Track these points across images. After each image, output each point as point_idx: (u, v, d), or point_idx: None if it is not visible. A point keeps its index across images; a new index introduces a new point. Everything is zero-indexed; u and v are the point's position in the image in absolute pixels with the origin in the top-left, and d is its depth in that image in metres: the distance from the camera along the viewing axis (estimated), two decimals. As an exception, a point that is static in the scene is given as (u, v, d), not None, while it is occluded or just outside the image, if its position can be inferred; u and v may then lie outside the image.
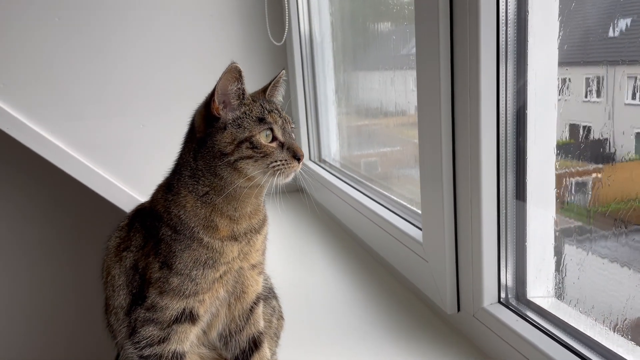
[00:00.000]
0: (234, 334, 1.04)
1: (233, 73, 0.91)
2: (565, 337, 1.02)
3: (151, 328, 0.93)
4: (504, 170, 1.14)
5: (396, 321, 1.35)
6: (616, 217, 0.93)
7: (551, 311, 1.09)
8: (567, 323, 1.04)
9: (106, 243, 1.04)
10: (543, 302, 1.13)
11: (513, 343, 1.07)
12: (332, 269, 1.74)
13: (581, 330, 1.01)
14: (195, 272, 0.92)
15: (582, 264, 1.04)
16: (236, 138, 0.91)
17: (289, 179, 0.95)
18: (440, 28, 1.13)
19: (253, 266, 1.01)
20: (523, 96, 1.10)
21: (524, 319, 1.10)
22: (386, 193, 1.81)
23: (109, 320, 1.03)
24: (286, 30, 2.36)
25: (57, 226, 2.73)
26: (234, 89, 0.92)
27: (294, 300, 1.48)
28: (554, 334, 1.03)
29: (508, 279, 1.19)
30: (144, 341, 0.93)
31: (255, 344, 1.05)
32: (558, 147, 1.07)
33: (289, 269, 1.78)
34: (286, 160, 0.93)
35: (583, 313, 1.04)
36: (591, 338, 0.99)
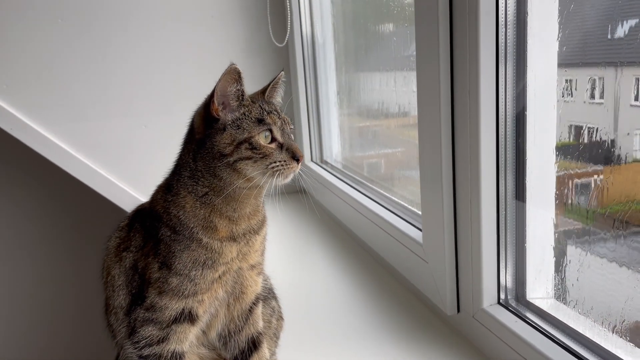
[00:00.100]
0: (233, 334, 1.04)
1: (232, 74, 0.91)
2: (564, 339, 1.02)
3: (150, 328, 0.94)
4: (504, 171, 1.14)
5: (396, 322, 1.35)
6: (618, 219, 0.92)
7: (550, 312, 1.09)
8: (567, 324, 1.04)
9: (106, 243, 1.05)
10: (542, 304, 1.13)
11: (512, 344, 1.07)
12: (333, 270, 1.74)
13: (580, 331, 1.01)
14: (194, 273, 0.92)
15: (582, 265, 1.04)
16: (235, 139, 0.91)
17: (288, 180, 0.96)
18: (439, 29, 1.13)
19: (252, 267, 1.01)
20: (522, 97, 1.10)
21: (523, 320, 1.10)
22: (387, 194, 1.81)
23: (109, 320, 1.04)
24: (288, 31, 2.37)
25: (59, 226, 2.73)
26: (233, 90, 0.92)
27: (294, 300, 1.49)
28: (553, 335, 1.03)
29: (508, 280, 1.19)
30: (144, 341, 0.94)
31: (254, 345, 1.05)
32: (560, 148, 1.06)
33: (289, 270, 1.78)
34: (285, 161, 0.93)
35: (582, 314, 1.04)
36: (590, 339, 0.98)
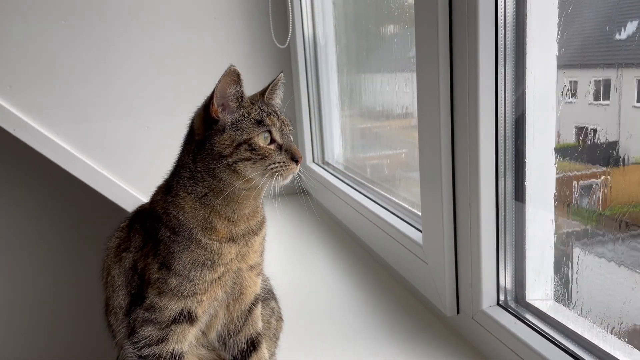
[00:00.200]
0: (233, 335, 1.04)
1: (232, 76, 0.92)
2: (563, 340, 1.02)
3: (150, 328, 0.94)
4: (503, 172, 1.14)
5: (395, 323, 1.36)
6: (620, 220, 0.92)
7: (550, 314, 1.09)
8: (566, 326, 1.04)
9: (106, 244, 1.05)
10: (542, 305, 1.13)
11: (511, 345, 1.07)
12: (333, 270, 1.75)
13: (579, 333, 1.01)
14: (193, 273, 0.93)
15: (582, 267, 1.04)
16: (235, 140, 0.92)
17: (287, 181, 0.96)
18: (439, 31, 1.13)
19: (251, 267, 1.01)
20: (522, 98, 1.10)
21: (523, 322, 1.10)
22: (388, 195, 1.81)
23: (109, 320, 1.04)
24: (290, 33, 2.37)
25: (60, 226, 2.75)
26: (233, 92, 0.93)
27: (294, 301, 1.49)
28: (552, 337, 1.03)
29: (507, 282, 1.19)
30: (143, 341, 0.94)
31: (253, 345, 1.06)
32: (561, 150, 1.06)
33: (290, 271, 1.78)
34: (284, 162, 0.94)
35: (581, 316, 1.04)
36: (589, 341, 0.98)
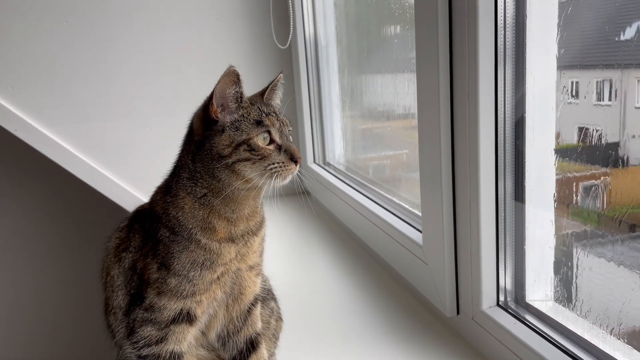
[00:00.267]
0: (232, 335, 1.05)
1: (231, 76, 0.92)
2: (563, 341, 1.02)
3: (149, 328, 0.94)
4: (503, 173, 1.14)
5: (395, 323, 1.36)
6: (620, 221, 0.92)
7: (549, 314, 1.09)
8: (565, 326, 1.04)
9: (106, 244, 1.06)
10: (542, 306, 1.13)
11: (511, 346, 1.07)
12: (333, 270, 1.75)
13: (579, 333, 1.01)
14: (192, 273, 0.93)
15: (582, 268, 1.04)
16: (234, 140, 0.92)
17: (286, 181, 0.96)
18: (439, 32, 1.13)
19: (250, 267, 1.01)
20: (521, 99, 1.10)
21: (522, 322, 1.10)
22: (388, 196, 1.81)
23: (108, 320, 1.04)
24: (291, 33, 2.37)
25: (61, 226, 2.76)
26: (232, 92, 0.93)
27: (294, 301, 1.49)
28: (552, 338, 1.03)
29: (507, 282, 1.19)
30: (142, 341, 0.94)
31: (252, 345, 1.06)
32: (561, 150, 1.06)
33: (290, 271, 1.78)
34: (283, 162, 0.94)
35: (581, 316, 1.04)
36: (589, 342, 0.98)
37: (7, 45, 2.19)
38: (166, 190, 0.98)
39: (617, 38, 0.90)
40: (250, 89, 1.03)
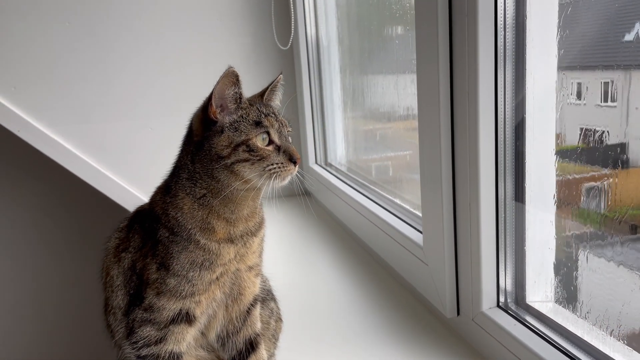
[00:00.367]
0: (231, 335, 1.05)
1: (230, 77, 0.92)
2: (563, 342, 1.01)
3: (148, 328, 0.94)
4: (503, 174, 1.14)
5: (396, 324, 1.35)
6: (621, 222, 0.92)
7: (550, 316, 1.09)
8: (565, 328, 1.04)
9: (106, 244, 1.06)
10: (542, 307, 1.13)
11: (511, 347, 1.07)
12: (334, 271, 1.75)
13: (579, 335, 1.00)
14: (191, 274, 0.93)
15: (582, 269, 1.03)
16: (233, 141, 0.92)
17: (286, 182, 0.96)
18: (439, 32, 1.13)
19: (250, 268, 1.01)
20: (522, 100, 1.10)
21: (523, 324, 1.10)
22: (389, 197, 1.81)
23: (108, 320, 1.05)
24: (292, 34, 2.38)
25: (63, 226, 2.76)
26: (231, 93, 0.93)
27: (294, 302, 1.49)
28: (552, 339, 1.03)
29: (507, 283, 1.18)
30: (142, 341, 0.94)
31: (252, 346, 1.06)
32: (562, 151, 1.06)
33: (291, 271, 1.78)
34: (282, 163, 0.94)
35: (581, 318, 1.03)
36: (589, 343, 0.98)
37: (10, 46, 2.19)
38: (166, 190, 0.98)
39: (622, 39, 0.89)
40: (251, 90, 1.04)
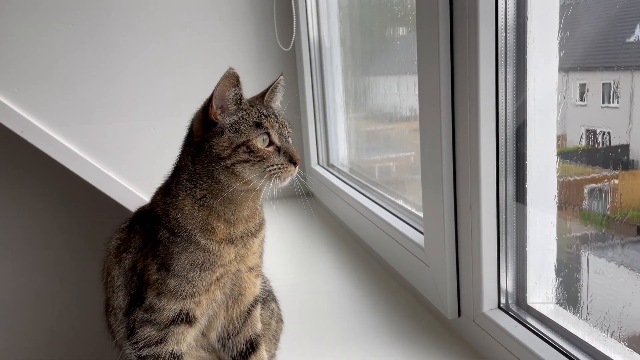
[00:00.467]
0: (232, 336, 1.05)
1: (230, 79, 0.92)
2: (564, 344, 1.01)
3: (149, 329, 0.95)
4: (504, 175, 1.14)
5: (397, 325, 1.35)
6: (623, 223, 0.92)
7: (551, 317, 1.09)
8: (566, 329, 1.03)
9: (107, 244, 1.06)
10: (543, 308, 1.12)
11: (512, 349, 1.07)
12: (335, 272, 1.75)
13: (580, 336, 1.00)
14: (192, 274, 0.93)
15: (583, 270, 1.03)
16: (233, 142, 0.92)
17: (286, 183, 0.96)
18: (440, 33, 1.13)
19: (250, 269, 1.02)
20: (522, 101, 1.10)
21: (523, 325, 1.10)
22: (392, 198, 1.81)
23: (109, 320, 1.05)
24: (294, 35, 2.38)
25: (65, 227, 2.77)
26: (232, 94, 0.93)
27: (295, 302, 1.49)
28: (553, 340, 1.03)
29: (508, 285, 1.18)
30: (142, 342, 0.95)
31: (252, 346, 1.06)
32: (562, 152, 1.06)
33: (292, 272, 1.78)
34: (282, 164, 0.94)
35: (582, 319, 1.03)
36: (590, 345, 0.98)
37: (13, 47, 2.20)
38: (166, 191, 0.98)
39: (623, 40, 0.89)
40: (253, 91, 1.04)
